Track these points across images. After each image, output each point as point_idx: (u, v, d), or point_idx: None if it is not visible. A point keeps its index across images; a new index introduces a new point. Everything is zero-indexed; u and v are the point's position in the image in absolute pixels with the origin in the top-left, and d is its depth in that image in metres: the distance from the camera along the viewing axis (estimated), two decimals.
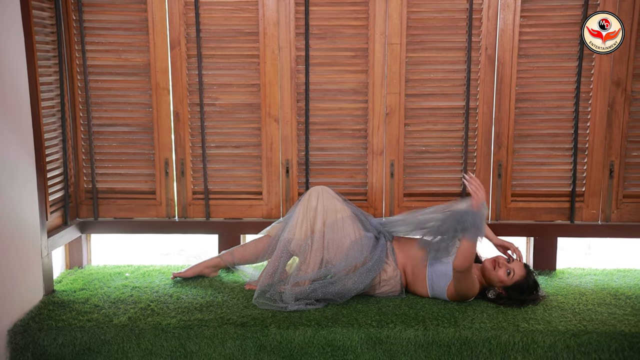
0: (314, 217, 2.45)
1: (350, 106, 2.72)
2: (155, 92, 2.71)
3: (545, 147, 2.73)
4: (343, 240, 2.41)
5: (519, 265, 2.39)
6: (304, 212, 2.47)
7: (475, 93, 2.69)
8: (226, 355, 2.12)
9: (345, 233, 2.41)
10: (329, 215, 2.44)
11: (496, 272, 2.35)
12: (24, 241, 2.31)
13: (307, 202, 2.48)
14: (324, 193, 2.49)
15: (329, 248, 2.40)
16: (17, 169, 2.27)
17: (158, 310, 2.27)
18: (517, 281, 2.35)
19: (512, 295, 2.35)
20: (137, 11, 2.67)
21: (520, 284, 2.35)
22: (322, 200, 2.46)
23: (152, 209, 2.81)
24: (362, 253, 2.37)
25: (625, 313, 2.27)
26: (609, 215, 2.76)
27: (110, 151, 2.78)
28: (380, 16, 2.62)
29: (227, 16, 2.66)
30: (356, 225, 2.47)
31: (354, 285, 2.33)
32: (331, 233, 2.41)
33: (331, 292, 2.32)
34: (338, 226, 2.42)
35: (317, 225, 2.43)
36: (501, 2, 2.61)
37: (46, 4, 2.53)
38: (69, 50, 2.68)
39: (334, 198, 2.49)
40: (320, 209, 2.45)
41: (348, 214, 2.47)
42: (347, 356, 2.11)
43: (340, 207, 2.48)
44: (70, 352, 2.13)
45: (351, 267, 2.36)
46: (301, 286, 2.34)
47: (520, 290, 2.35)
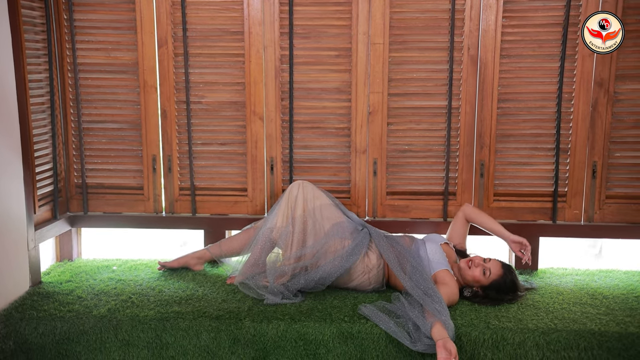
0: (294, 206, 2.50)
1: (334, 105, 2.75)
2: (143, 90, 2.77)
3: (528, 147, 2.74)
4: (323, 224, 2.46)
5: (496, 264, 2.41)
6: (286, 202, 2.53)
7: (457, 93, 2.71)
8: (201, 347, 2.17)
9: (325, 216, 2.47)
10: (309, 202, 2.50)
11: (471, 271, 2.38)
12: (9, 234, 2.38)
13: (288, 193, 2.55)
14: (306, 185, 2.56)
15: (310, 232, 2.45)
16: (3, 164, 2.33)
17: (138, 303, 2.33)
18: (494, 280, 2.37)
19: (489, 294, 2.38)
20: (126, 11, 2.73)
21: (498, 283, 2.37)
22: (302, 190, 2.52)
23: (140, 204, 2.87)
24: (342, 234, 2.41)
25: (599, 312, 2.28)
26: (591, 215, 2.77)
27: (100, 147, 2.85)
28: (363, 16, 2.66)
29: (213, 16, 2.71)
30: (337, 211, 2.53)
31: (334, 270, 2.35)
32: (312, 217, 2.47)
33: (313, 279, 2.35)
34: (317, 212, 2.48)
35: (298, 212, 2.49)
36: (483, 2, 2.63)
37: (36, 3, 2.60)
38: (60, 48, 2.75)
39: (315, 189, 2.56)
40: (301, 198, 2.51)
41: (328, 202, 2.53)
42: (319, 350, 2.15)
43: (319, 194, 2.54)
44: (51, 341, 2.19)
45: (331, 248, 2.39)
46: (284, 277, 2.38)
47: (497, 289, 2.37)
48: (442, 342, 1.94)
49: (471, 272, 2.38)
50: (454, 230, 2.67)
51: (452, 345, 1.93)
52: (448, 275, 2.36)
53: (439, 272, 2.36)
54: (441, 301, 2.13)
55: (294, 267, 2.40)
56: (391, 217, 2.81)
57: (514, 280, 2.42)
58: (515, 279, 2.43)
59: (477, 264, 2.38)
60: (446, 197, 2.77)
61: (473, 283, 2.39)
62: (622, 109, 2.68)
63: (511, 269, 2.44)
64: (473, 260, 2.40)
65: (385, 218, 2.81)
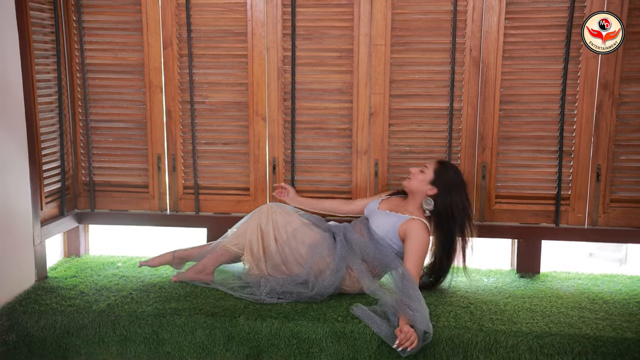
0: (267, 237, 2.46)
1: (335, 106, 2.77)
2: (148, 90, 2.82)
3: (530, 150, 2.72)
4: (299, 249, 2.42)
5: (430, 161, 2.51)
6: (256, 232, 2.48)
7: (459, 94, 2.70)
8: (196, 343, 2.20)
9: (299, 240, 2.43)
10: (281, 230, 2.45)
11: (413, 181, 2.46)
12: (15, 229, 2.45)
13: (258, 224, 2.49)
14: (274, 211, 2.49)
15: (290, 260, 2.43)
16: (9, 162, 2.40)
17: (137, 299, 2.38)
18: (436, 169, 2.44)
19: (440, 192, 2.41)
20: (133, 12, 2.78)
21: (440, 169, 2.44)
22: (271, 219, 2.47)
23: (145, 202, 2.93)
24: (321, 253, 2.38)
25: (597, 317, 2.25)
26: (595, 219, 2.73)
27: (107, 146, 2.91)
28: (365, 17, 2.67)
29: (217, 17, 2.75)
30: (310, 229, 2.48)
31: (324, 290, 2.34)
32: (287, 245, 2.43)
33: (306, 296, 2.35)
34: (292, 238, 2.43)
35: (271, 245, 2.44)
36: (486, 4, 2.61)
37: (46, 5, 2.67)
38: (69, 49, 2.82)
39: (284, 213, 2.50)
40: (271, 227, 2.46)
41: (300, 223, 2.48)
42: (312, 349, 2.16)
43: (290, 219, 2.48)
44: (52, 334, 2.25)
45: (315, 268, 2.38)
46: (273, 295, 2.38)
47: (444, 176, 2.42)
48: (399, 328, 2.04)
49: (413, 181, 2.45)
50: (348, 207, 2.70)
51: (408, 330, 2.02)
52: (403, 227, 2.38)
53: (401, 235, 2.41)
54: (418, 299, 2.12)
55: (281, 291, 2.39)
56: None
57: (454, 166, 2.51)
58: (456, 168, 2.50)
59: (413, 171, 2.48)
60: None
61: (424, 190, 2.43)
62: (627, 112, 2.65)
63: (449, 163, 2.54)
64: (410, 173, 2.50)
65: None
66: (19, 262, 2.48)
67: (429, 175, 2.44)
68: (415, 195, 2.48)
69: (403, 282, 2.21)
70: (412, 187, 2.47)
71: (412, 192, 2.49)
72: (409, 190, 2.50)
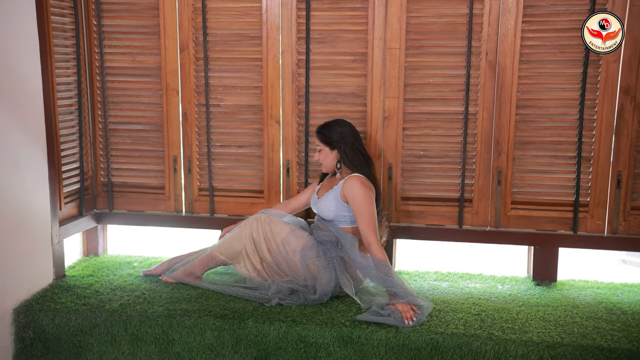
0: (261, 249, 2.50)
1: (349, 109, 2.76)
2: (165, 93, 2.86)
3: (548, 155, 2.67)
4: (291, 257, 2.46)
5: (315, 138, 2.59)
6: (250, 243, 2.52)
7: (475, 98, 2.67)
8: (205, 345, 2.22)
9: (290, 250, 2.46)
10: (271, 241, 2.49)
11: (323, 163, 2.55)
12: (34, 229, 2.51)
13: (250, 236, 2.51)
14: (262, 223, 2.51)
15: (284, 268, 2.48)
16: (28, 163, 2.46)
17: (149, 299, 2.41)
18: (321, 138, 2.52)
19: (341, 147, 2.49)
20: (150, 16, 2.82)
21: (324, 136, 2.51)
22: (262, 231, 2.50)
23: (162, 204, 2.97)
24: (311, 256, 2.41)
25: (613, 328, 2.20)
26: (616, 227, 2.66)
27: (125, 147, 2.96)
28: (379, 21, 2.66)
29: (232, 21, 2.77)
30: (297, 235, 2.50)
31: (326, 288, 2.37)
32: (280, 255, 2.47)
33: (311, 299, 2.37)
34: (282, 248, 2.47)
35: (266, 256, 2.49)
36: (502, 7, 2.58)
37: (67, 10, 2.73)
38: (90, 52, 2.87)
39: (272, 223, 2.51)
40: (262, 239, 2.50)
41: (287, 230, 2.50)
42: (319, 353, 2.16)
43: (278, 229, 2.50)
44: (66, 332, 2.30)
45: (312, 271, 2.41)
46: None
47: (329, 136, 2.50)
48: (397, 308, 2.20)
49: (324, 163, 2.55)
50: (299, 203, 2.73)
51: (402, 306, 2.21)
52: (343, 194, 2.45)
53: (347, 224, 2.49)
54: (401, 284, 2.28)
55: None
56: (406, 222, 2.80)
57: (325, 122, 2.57)
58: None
59: (316, 157, 2.57)
60: (462, 204, 2.73)
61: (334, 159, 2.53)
62: None
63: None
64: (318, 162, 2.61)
65: (400, 223, 2.79)
66: (37, 260, 2.54)
67: (325, 148, 2.53)
68: (329, 167, 2.57)
69: (379, 271, 2.29)
70: (327, 166, 2.56)
71: (332, 168, 2.57)
72: (329, 170, 2.59)
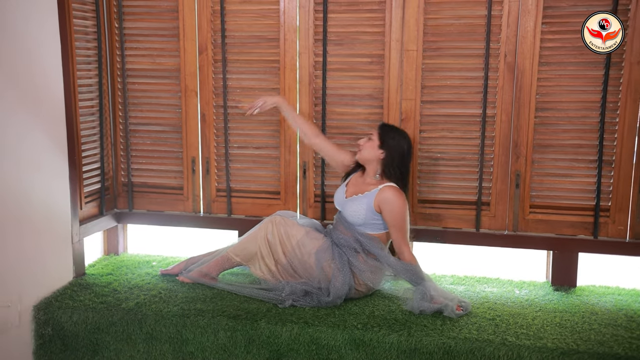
0: (276, 251, 2.51)
1: (366, 111, 2.76)
2: (184, 95, 2.90)
3: (568, 159, 2.62)
4: (306, 260, 2.46)
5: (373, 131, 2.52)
6: (265, 246, 2.52)
7: (493, 101, 2.64)
8: (218, 345, 2.24)
9: (305, 252, 2.47)
10: (286, 244, 2.49)
11: (363, 150, 2.49)
12: (54, 228, 2.57)
13: (265, 238, 2.52)
14: (278, 226, 2.52)
15: (300, 270, 2.48)
16: (49, 163, 2.52)
17: (166, 298, 2.44)
18: (379, 133, 2.47)
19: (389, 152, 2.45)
20: (170, 19, 2.86)
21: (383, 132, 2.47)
22: (277, 233, 2.50)
23: (180, 204, 3.00)
24: (326, 258, 2.42)
25: (632, 336, 2.15)
26: (638, 232, 2.61)
27: (145, 148, 3.01)
28: (397, 23, 2.64)
29: (250, 23, 2.79)
30: (311, 238, 2.49)
31: (340, 291, 2.37)
32: (296, 258, 2.47)
33: (325, 302, 2.38)
34: (297, 251, 2.47)
35: (281, 258, 2.49)
36: (522, 8, 2.54)
37: (89, 13, 2.79)
38: (111, 55, 2.93)
39: (287, 225, 2.51)
40: (278, 242, 2.50)
41: (303, 233, 2.50)
42: (331, 355, 2.17)
43: (292, 232, 2.50)
44: (83, 330, 2.35)
45: (325, 272, 2.42)
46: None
47: (388, 135, 2.45)
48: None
49: (364, 150, 2.48)
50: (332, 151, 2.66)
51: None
52: (377, 203, 2.42)
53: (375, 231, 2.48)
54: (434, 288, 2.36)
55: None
56: (422, 225, 2.78)
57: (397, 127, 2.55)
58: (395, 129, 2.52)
59: (361, 142, 2.50)
60: (479, 207, 2.71)
61: (375, 155, 2.47)
62: None
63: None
64: (358, 146, 2.52)
65: (417, 226, 2.77)
66: (57, 259, 2.60)
67: (376, 141, 2.47)
68: (370, 164, 2.51)
69: (408, 274, 2.36)
70: (364, 156, 2.50)
71: (366, 161, 2.51)
72: (363, 160, 2.52)
